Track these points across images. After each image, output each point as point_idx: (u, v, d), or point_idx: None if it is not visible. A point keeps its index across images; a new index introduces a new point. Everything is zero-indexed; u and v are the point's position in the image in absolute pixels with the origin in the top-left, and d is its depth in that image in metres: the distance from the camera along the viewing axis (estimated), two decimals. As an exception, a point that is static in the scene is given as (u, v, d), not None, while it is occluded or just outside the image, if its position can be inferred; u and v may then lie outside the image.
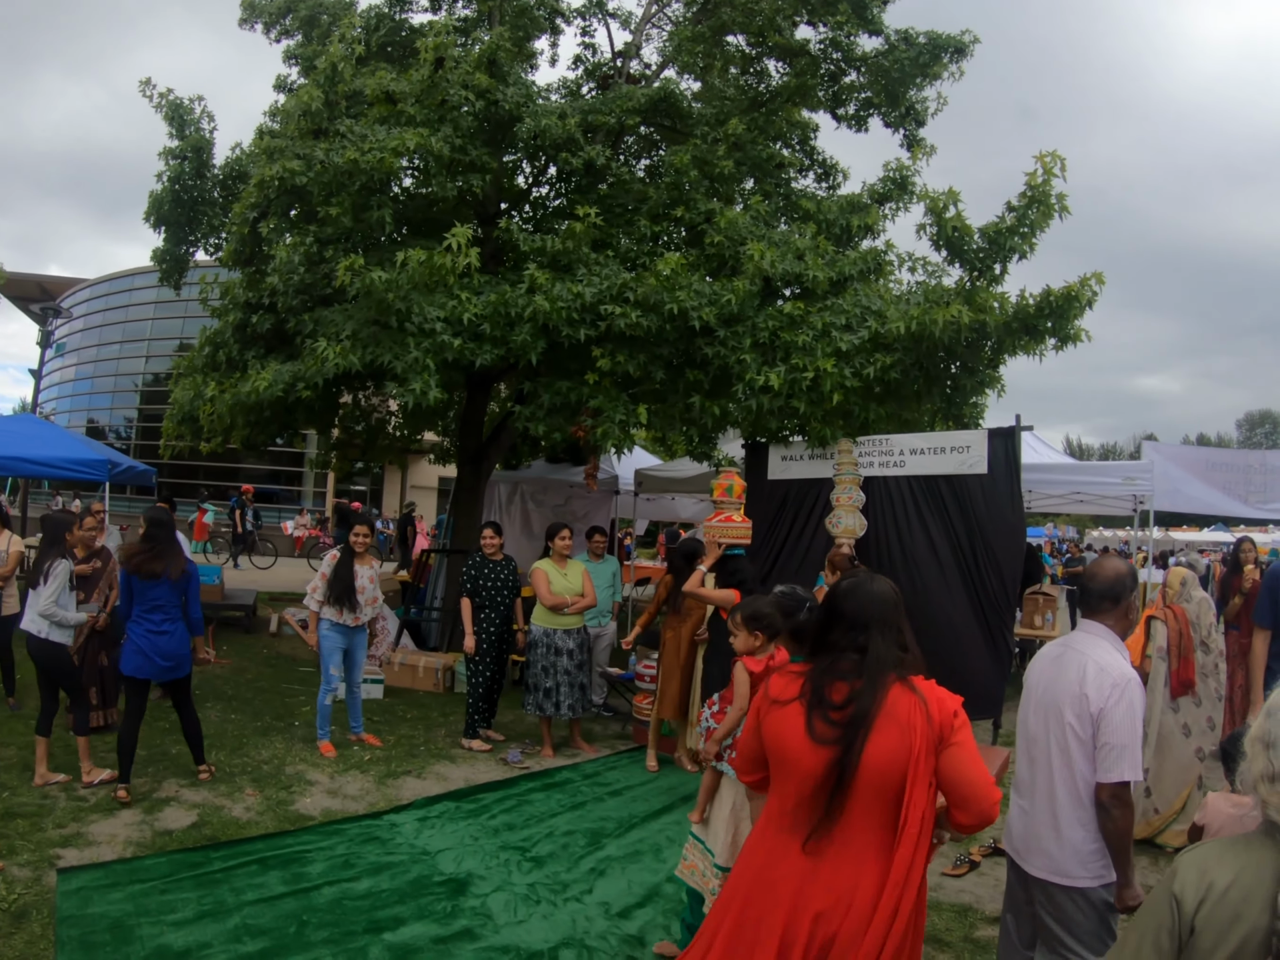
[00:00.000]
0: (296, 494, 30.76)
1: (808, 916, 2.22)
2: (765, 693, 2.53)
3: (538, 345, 7.47)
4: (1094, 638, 2.93)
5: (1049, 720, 2.88)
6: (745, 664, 3.43)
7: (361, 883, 4.48)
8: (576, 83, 11.41)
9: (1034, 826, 2.89)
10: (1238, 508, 11.37)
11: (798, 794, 2.34)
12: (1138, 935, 1.87)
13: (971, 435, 7.09)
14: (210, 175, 10.32)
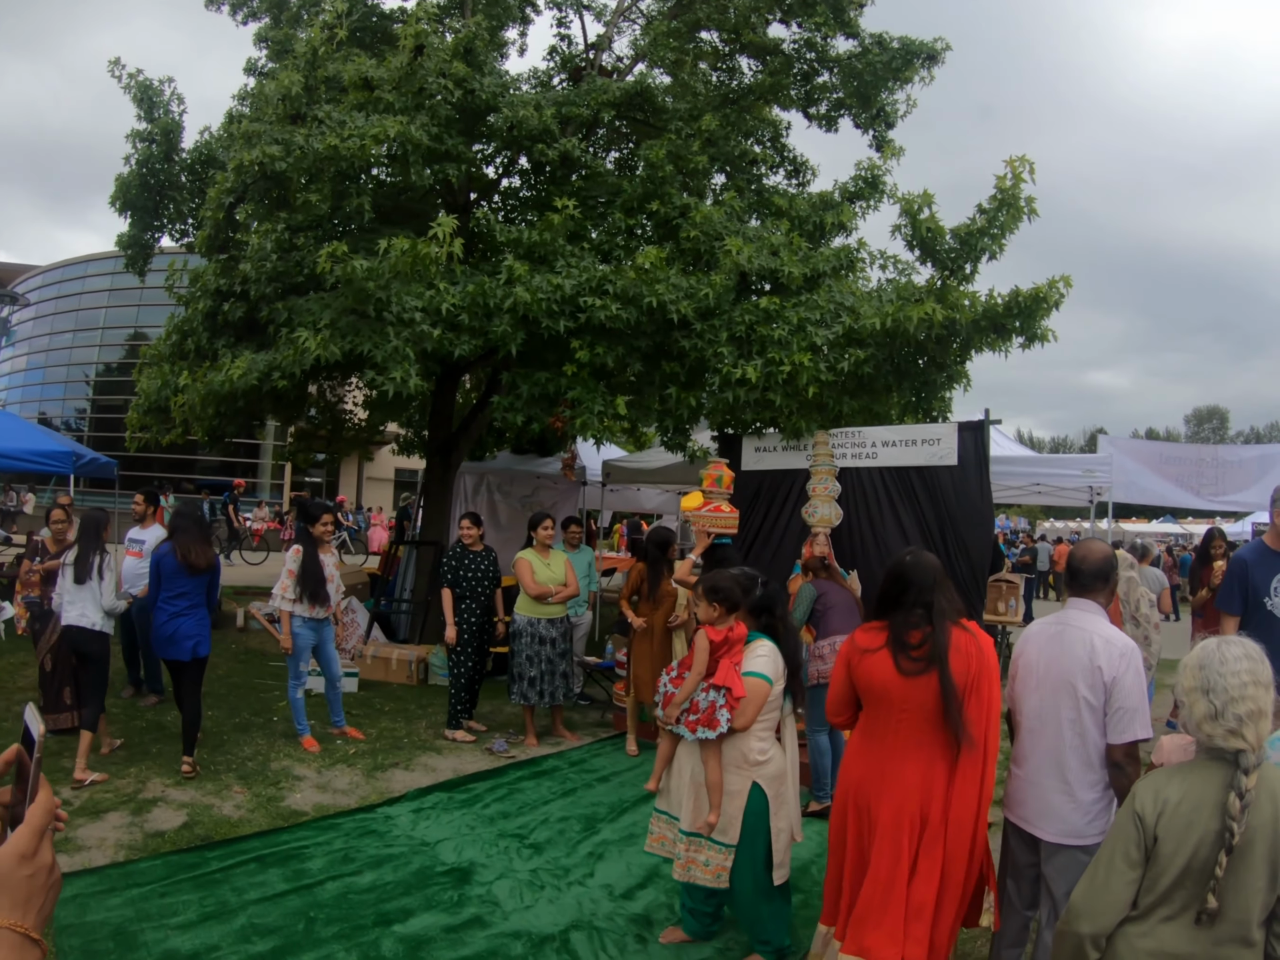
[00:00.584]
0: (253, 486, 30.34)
1: (901, 797, 3.09)
2: (853, 646, 3.28)
3: (518, 336, 7.51)
4: (1090, 614, 3.16)
5: (1059, 695, 3.08)
6: (706, 632, 3.61)
7: (364, 876, 4.51)
8: (548, 74, 11.43)
9: (1044, 795, 3.10)
10: (1190, 499, 11.73)
11: (889, 717, 3.16)
12: (1108, 852, 2.28)
13: (942, 428, 7.26)
14: (178, 160, 10.18)
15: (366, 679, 8.82)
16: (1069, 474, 9.90)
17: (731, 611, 3.63)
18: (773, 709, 3.56)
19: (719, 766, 3.53)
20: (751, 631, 3.70)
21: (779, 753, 3.62)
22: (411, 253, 6.98)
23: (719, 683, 3.51)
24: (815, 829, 5.39)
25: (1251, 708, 2.19)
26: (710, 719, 3.48)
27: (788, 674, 3.65)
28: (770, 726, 3.58)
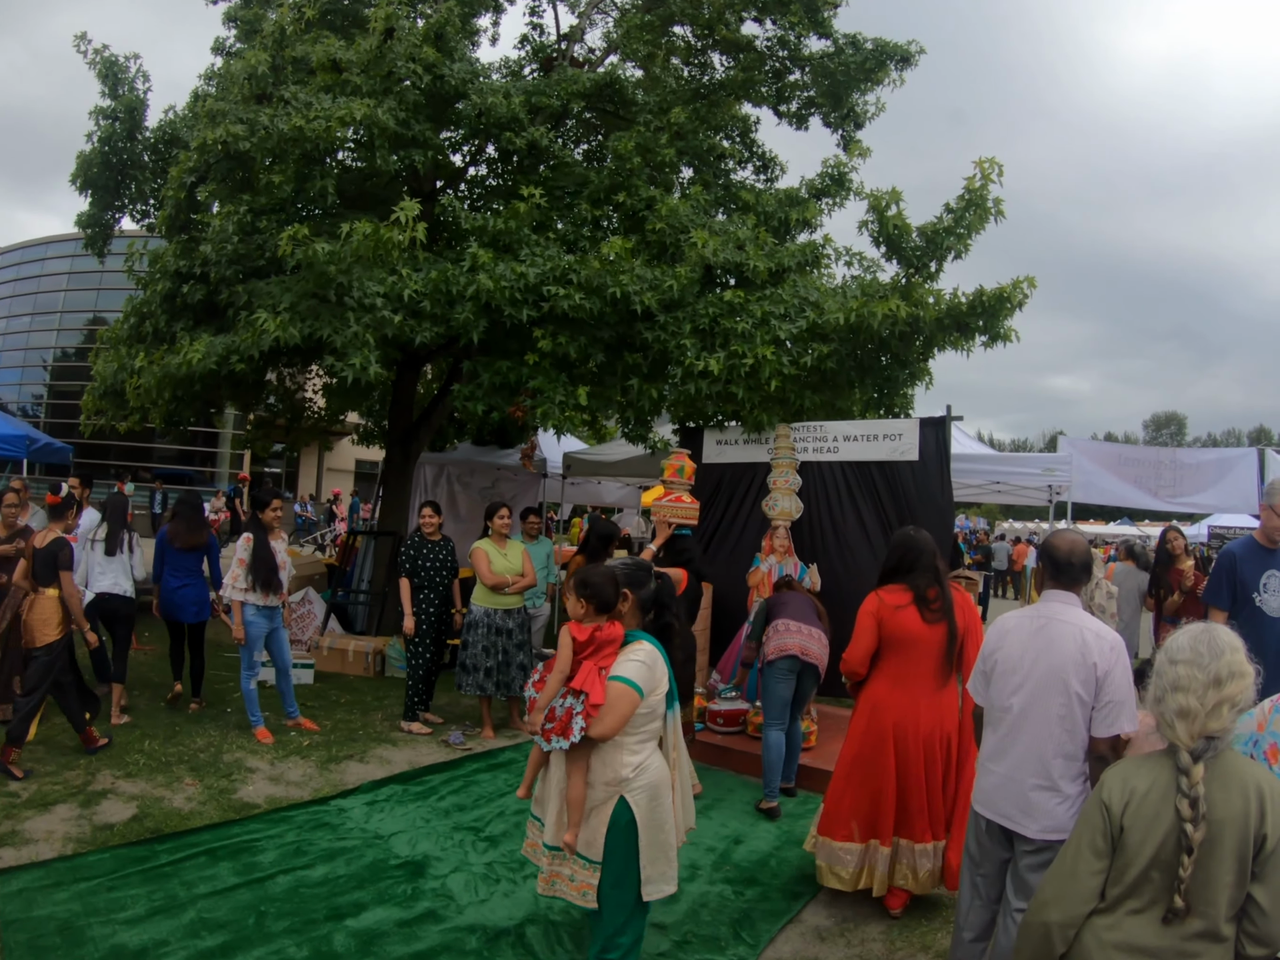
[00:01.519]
0: (210, 475, 29.89)
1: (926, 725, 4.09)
2: (882, 603, 4.11)
3: (480, 324, 7.44)
4: (1073, 608, 3.14)
5: (1048, 691, 3.04)
6: (570, 629, 3.29)
7: (316, 870, 4.45)
8: (519, 63, 11.34)
9: (1026, 792, 3.06)
10: (1148, 501, 11.88)
11: (914, 658, 4.09)
12: (1075, 842, 2.25)
13: (904, 424, 7.31)
14: (142, 138, 9.98)
15: (323, 671, 8.72)
16: (1028, 473, 9.98)
17: (603, 611, 3.28)
18: (650, 719, 3.21)
19: (581, 781, 3.20)
20: (633, 631, 3.35)
21: (658, 765, 3.27)
22: (374, 237, 6.90)
23: (577, 687, 3.16)
24: (776, 821, 5.43)
25: (1182, 704, 2.15)
26: (565, 727, 3.13)
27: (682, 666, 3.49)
28: (646, 739, 3.22)
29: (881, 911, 4.32)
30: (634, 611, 3.39)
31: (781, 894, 4.48)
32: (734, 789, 6.03)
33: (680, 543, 5.93)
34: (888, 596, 4.13)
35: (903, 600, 4.09)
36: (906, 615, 4.06)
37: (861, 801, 4.18)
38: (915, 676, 4.10)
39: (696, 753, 6.21)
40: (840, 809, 4.25)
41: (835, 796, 4.31)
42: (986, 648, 3.29)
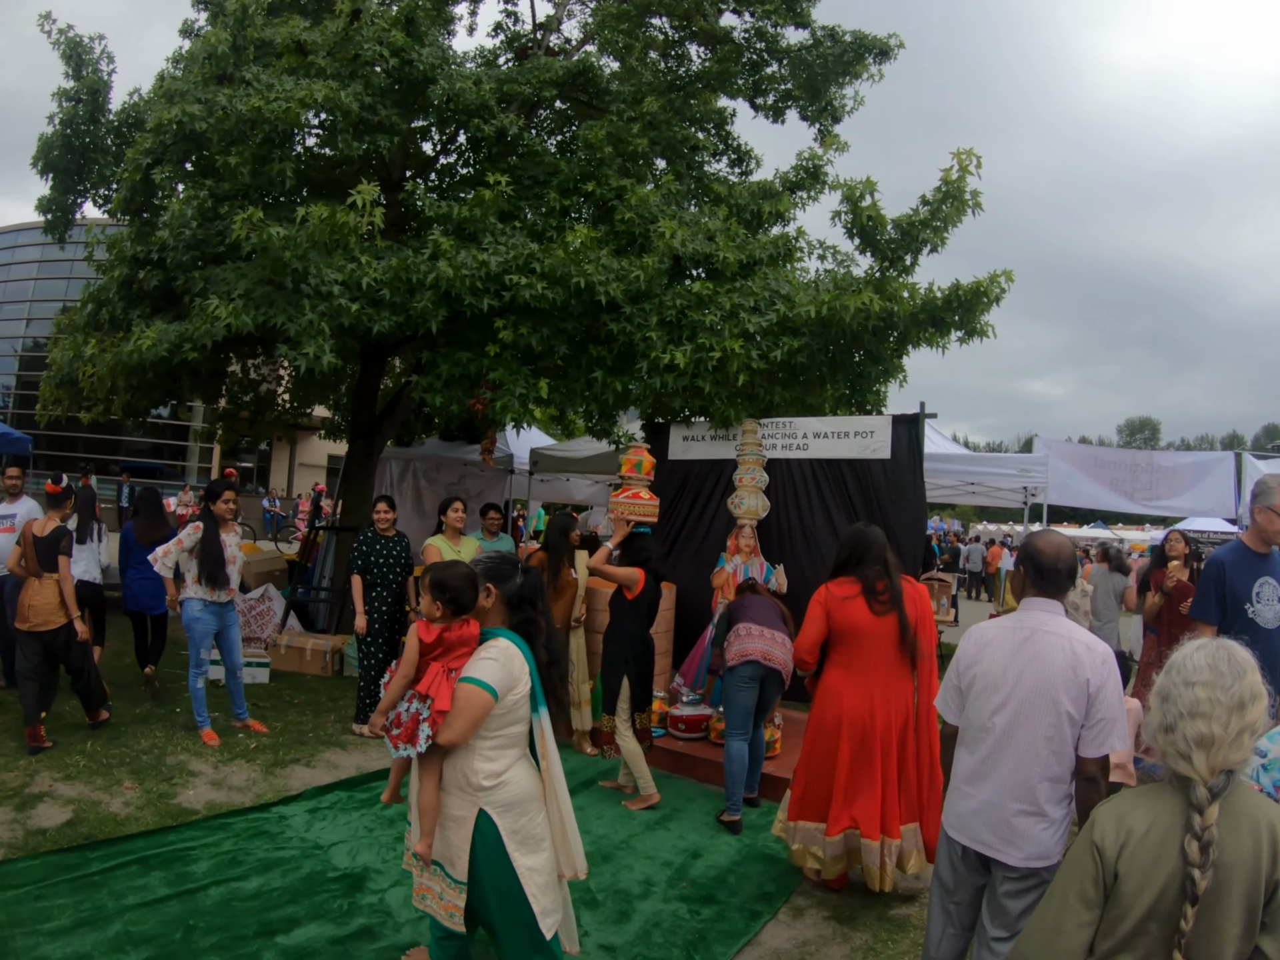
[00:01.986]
0: (180, 469, 29.47)
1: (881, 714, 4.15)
2: (830, 595, 4.22)
3: (439, 313, 7.21)
4: (1059, 617, 2.90)
5: (1035, 709, 2.80)
6: (418, 629, 3.07)
7: (251, 881, 4.22)
8: (494, 52, 11.14)
9: (1008, 817, 2.82)
10: (1123, 504, 11.83)
11: (865, 649, 4.17)
12: (1061, 890, 1.97)
13: (875, 421, 7.15)
14: (105, 121, 9.73)
15: (280, 669, 8.46)
16: (1004, 473, 9.88)
17: (459, 613, 3.07)
18: (508, 722, 2.97)
19: (432, 788, 2.99)
20: (492, 629, 3.09)
21: (523, 775, 3.03)
22: (330, 221, 6.66)
23: (422, 690, 2.95)
24: (728, 839, 5.18)
25: (1202, 731, 1.87)
26: (412, 735, 2.93)
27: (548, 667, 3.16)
28: (505, 744, 2.99)
29: (852, 923, 4.17)
30: (499, 607, 3.13)
31: (740, 913, 4.27)
32: (694, 798, 5.82)
33: (638, 541, 5.69)
34: (835, 588, 4.25)
35: (850, 591, 4.20)
36: (854, 606, 4.17)
37: (825, 786, 4.26)
38: (867, 667, 4.18)
39: (656, 759, 6.02)
40: (811, 794, 4.33)
41: (805, 783, 4.37)
42: (962, 662, 3.02)
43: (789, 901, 4.42)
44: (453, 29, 11.27)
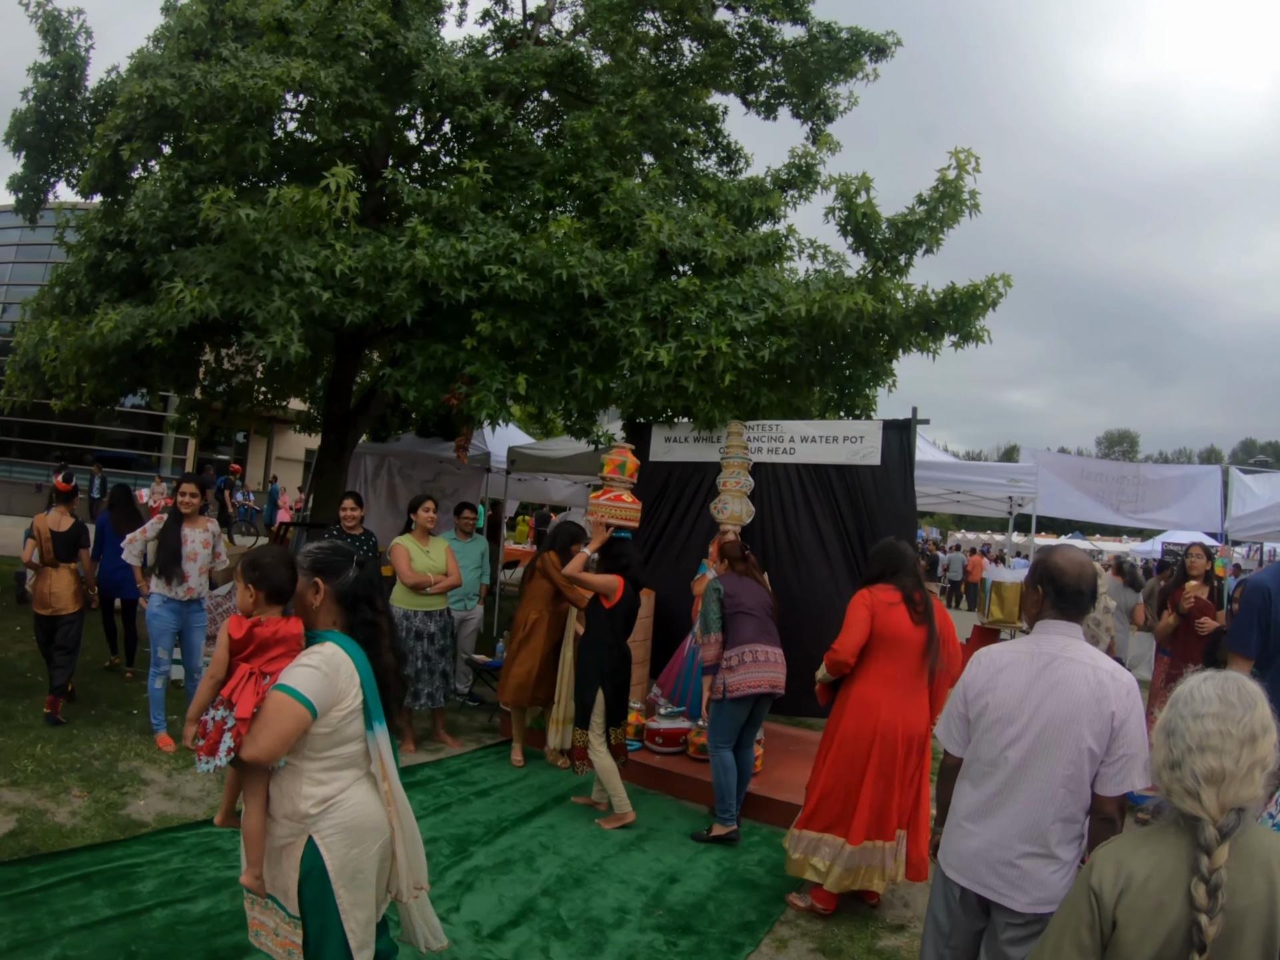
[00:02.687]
0: (155, 460, 28.98)
1: (908, 725, 4.14)
2: (876, 599, 4.17)
3: (414, 303, 6.93)
4: (1080, 642, 2.68)
5: (1055, 745, 2.57)
6: (230, 624, 2.69)
7: (198, 904, 3.94)
8: (482, 42, 10.88)
9: (1015, 860, 2.60)
10: (1109, 515, 11.72)
11: (901, 658, 4.15)
12: (1056, 934, 1.85)
13: (866, 426, 6.91)
14: (81, 98, 9.40)
15: (244, 669, 8.17)
16: (992, 482, 9.68)
17: (275, 600, 2.69)
18: (337, 741, 2.61)
19: (257, 812, 2.61)
20: (323, 630, 2.70)
21: (361, 800, 2.67)
22: (302, 204, 6.37)
23: (225, 694, 2.58)
24: (715, 856, 4.97)
25: (1213, 766, 1.73)
26: (214, 745, 2.53)
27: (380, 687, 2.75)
28: (337, 765, 2.62)
29: (838, 954, 3.96)
30: (330, 606, 2.71)
31: (720, 945, 4.02)
32: (671, 816, 5.58)
33: (617, 546, 5.42)
34: (880, 594, 4.20)
35: (894, 598, 4.17)
36: (897, 613, 4.14)
37: (849, 796, 4.18)
38: (901, 677, 4.15)
39: (631, 774, 5.76)
40: (827, 803, 4.25)
41: (822, 791, 4.28)
42: (971, 689, 2.77)
43: (772, 931, 4.19)
44: (441, 18, 11.02)
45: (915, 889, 4.69)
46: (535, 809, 5.49)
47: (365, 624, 2.75)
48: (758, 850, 5.10)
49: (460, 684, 7.91)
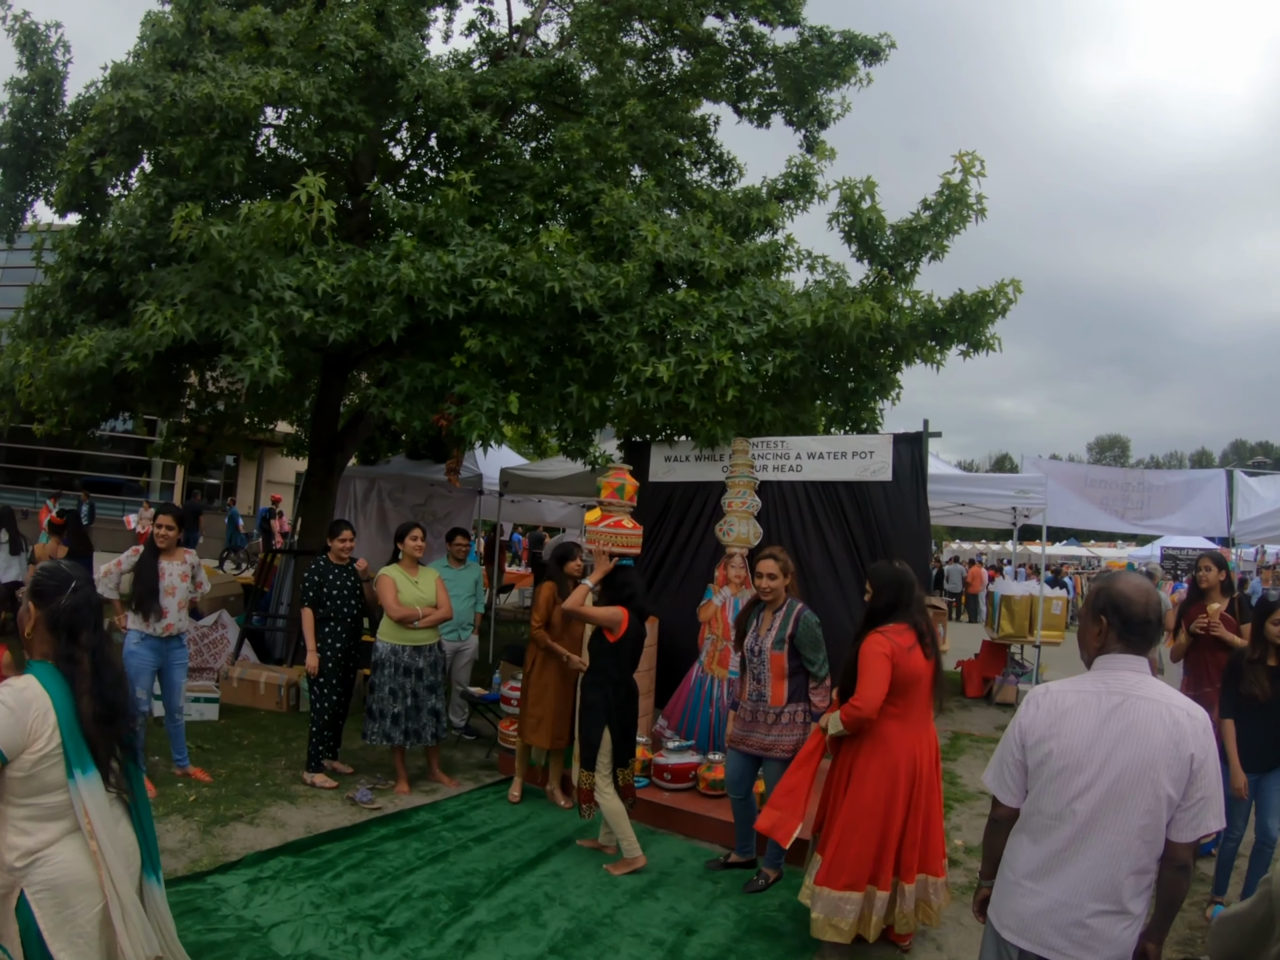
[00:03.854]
0: (144, 485, 28.54)
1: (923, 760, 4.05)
2: (897, 647, 3.93)
3: (400, 319, 6.62)
4: (1151, 679, 2.45)
5: (1131, 795, 2.34)
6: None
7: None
8: (468, 55, 10.66)
9: (1085, 919, 2.36)
10: (1114, 523, 11.54)
11: (916, 696, 4.02)
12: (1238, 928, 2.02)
13: (875, 440, 6.62)
14: (59, 114, 9.10)
15: (232, 704, 7.85)
16: (1000, 494, 9.45)
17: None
18: (38, 789, 2.35)
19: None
20: (34, 661, 2.46)
21: (71, 857, 2.40)
22: (275, 218, 6.07)
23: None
24: (734, 902, 4.64)
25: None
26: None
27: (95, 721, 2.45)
28: (44, 816, 2.37)
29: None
30: (43, 633, 2.48)
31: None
32: (683, 858, 5.24)
33: (620, 575, 5.08)
34: (898, 639, 3.99)
35: (910, 641, 4.00)
36: (914, 656, 3.98)
37: (869, 847, 3.97)
38: (915, 714, 4.06)
39: (639, 814, 5.43)
40: (846, 857, 3.99)
41: (841, 844, 4.02)
42: (1030, 734, 2.51)
43: (798, 987, 3.87)
44: (427, 33, 10.80)
45: (947, 930, 4.41)
46: (539, 854, 5.14)
47: (66, 659, 2.47)
48: (778, 894, 4.77)
49: (456, 717, 7.57)
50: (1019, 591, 11.05)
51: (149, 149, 7.82)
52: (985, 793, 6.52)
